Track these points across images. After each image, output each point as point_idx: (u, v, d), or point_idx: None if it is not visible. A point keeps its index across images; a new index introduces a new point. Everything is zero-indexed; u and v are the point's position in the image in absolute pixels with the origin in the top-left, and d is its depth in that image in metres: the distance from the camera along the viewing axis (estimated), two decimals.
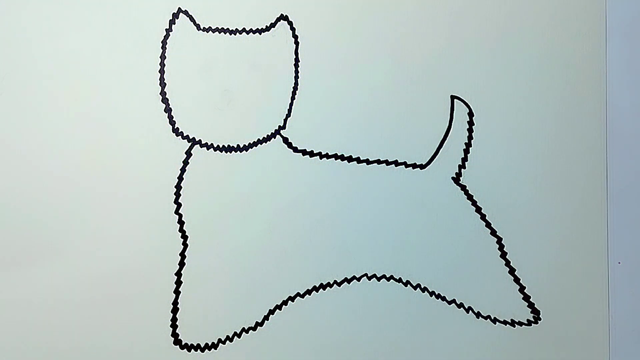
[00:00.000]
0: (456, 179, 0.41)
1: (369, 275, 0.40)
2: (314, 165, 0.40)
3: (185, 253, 0.39)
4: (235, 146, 0.39)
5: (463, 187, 0.41)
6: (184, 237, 0.39)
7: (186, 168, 0.39)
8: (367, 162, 0.40)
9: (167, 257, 0.39)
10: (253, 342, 0.40)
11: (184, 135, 0.39)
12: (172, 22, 0.39)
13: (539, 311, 0.41)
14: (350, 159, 0.40)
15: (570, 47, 0.41)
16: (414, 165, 0.40)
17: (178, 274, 0.39)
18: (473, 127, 0.40)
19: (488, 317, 0.40)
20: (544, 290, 0.41)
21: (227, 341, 0.39)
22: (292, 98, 0.40)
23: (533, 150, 0.41)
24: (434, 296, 0.40)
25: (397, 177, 0.40)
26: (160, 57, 0.39)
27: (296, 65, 0.40)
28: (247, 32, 0.39)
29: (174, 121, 0.39)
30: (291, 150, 0.40)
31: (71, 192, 0.38)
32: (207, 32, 0.39)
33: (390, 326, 0.40)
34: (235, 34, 0.39)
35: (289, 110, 0.40)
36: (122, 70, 0.39)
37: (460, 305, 0.40)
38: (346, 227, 0.40)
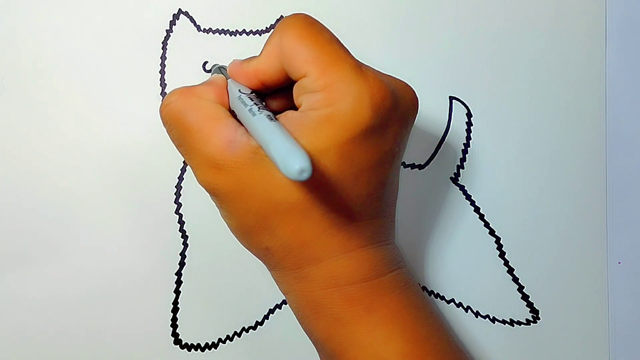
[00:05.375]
0: (454, 179, 0.41)
1: None
2: None
3: (185, 253, 0.39)
4: None
5: (461, 187, 0.41)
6: (184, 237, 0.39)
7: (186, 168, 0.39)
8: None
9: (167, 257, 0.39)
10: (253, 342, 0.40)
11: None
12: (172, 23, 0.39)
13: (538, 310, 0.41)
14: None
15: (570, 47, 0.41)
16: (413, 166, 0.40)
17: (178, 274, 0.39)
18: (471, 127, 0.41)
19: (487, 316, 0.41)
20: (542, 290, 0.41)
21: (227, 341, 0.40)
22: None
23: (532, 150, 0.41)
24: (432, 295, 0.40)
25: None
26: (161, 57, 0.39)
27: None
28: (248, 34, 0.40)
29: None
30: None
31: (71, 191, 0.38)
32: (208, 33, 0.39)
33: None
34: (235, 35, 0.39)
35: None
36: (122, 70, 0.39)
37: (459, 305, 0.40)
38: None
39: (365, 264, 0.30)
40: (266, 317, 0.40)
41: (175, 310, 0.39)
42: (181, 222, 0.39)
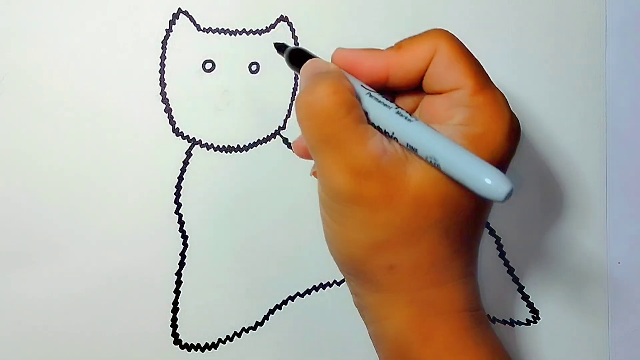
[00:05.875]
0: None
1: None
2: None
3: (185, 253, 0.39)
4: (235, 146, 0.40)
5: None
6: (184, 237, 0.39)
7: (186, 168, 0.39)
8: None
9: (167, 257, 0.39)
10: (253, 342, 0.40)
11: (184, 135, 0.39)
12: (172, 22, 0.39)
13: (538, 310, 0.41)
14: None
15: (570, 47, 0.41)
16: None
17: (178, 274, 0.39)
18: None
19: (487, 316, 0.40)
20: (542, 290, 0.41)
21: (227, 341, 0.40)
22: (292, 98, 0.40)
23: (532, 150, 0.41)
24: None
25: None
26: (161, 57, 0.39)
27: None
28: (247, 33, 0.40)
29: (174, 121, 0.39)
30: (291, 150, 0.40)
31: (71, 192, 0.38)
32: (207, 32, 0.39)
33: None
34: (235, 35, 0.39)
35: (289, 111, 0.40)
36: (122, 70, 0.39)
37: None
38: None
39: (474, 293, 0.30)
40: (266, 317, 0.40)
41: (175, 310, 0.39)
42: (181, 222, 0.39)
